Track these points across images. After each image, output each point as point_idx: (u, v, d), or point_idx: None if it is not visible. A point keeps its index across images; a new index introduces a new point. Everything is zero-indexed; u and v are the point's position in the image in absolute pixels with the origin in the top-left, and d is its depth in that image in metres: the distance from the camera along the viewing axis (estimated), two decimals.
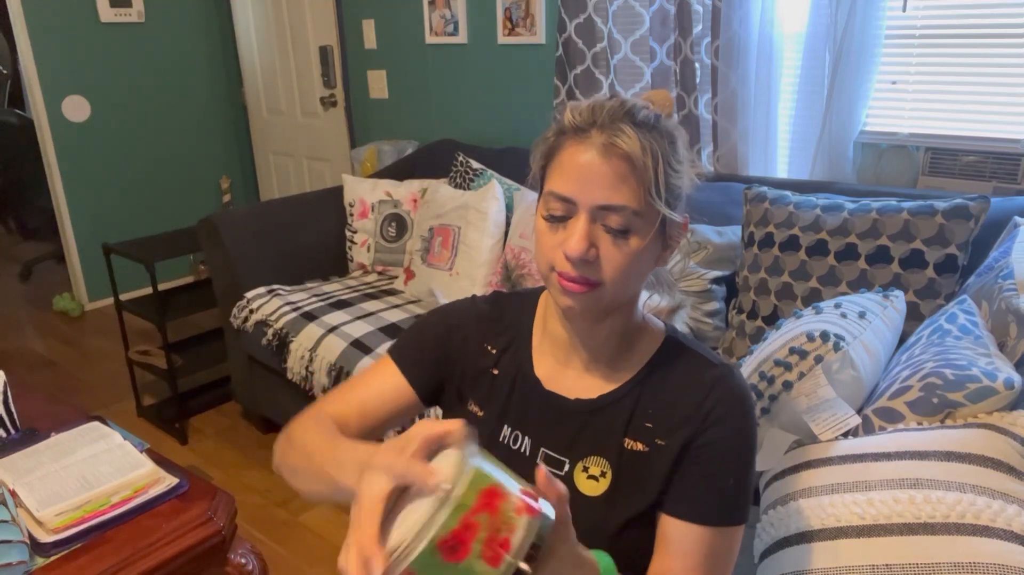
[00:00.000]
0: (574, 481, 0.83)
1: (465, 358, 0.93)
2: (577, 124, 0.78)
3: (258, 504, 2.34)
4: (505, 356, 0.92)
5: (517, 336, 0.92)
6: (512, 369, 0.90)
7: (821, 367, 1.32)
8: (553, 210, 0.78)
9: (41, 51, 3.52)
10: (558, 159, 0.79)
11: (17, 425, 1.44)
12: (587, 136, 0.76)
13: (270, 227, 2.66)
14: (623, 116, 0.76)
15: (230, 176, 4.32)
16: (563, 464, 0.84)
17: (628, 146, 0.75)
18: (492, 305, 0.96)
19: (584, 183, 0.75)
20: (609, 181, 0.75)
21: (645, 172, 0.75)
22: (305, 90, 3.78)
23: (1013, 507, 0.92)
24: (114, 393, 3.03)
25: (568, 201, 0.77)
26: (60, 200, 3.73)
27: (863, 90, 2.07)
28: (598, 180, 0.75)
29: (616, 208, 0.75)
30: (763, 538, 1.12)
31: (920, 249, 1.72)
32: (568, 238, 0.76)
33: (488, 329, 0.94)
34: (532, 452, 0.86)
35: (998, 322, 1.33)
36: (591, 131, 0.76)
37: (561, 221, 0.78)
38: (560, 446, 0.85)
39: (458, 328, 0.94)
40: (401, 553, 0.53)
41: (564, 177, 0.77)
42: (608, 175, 0.75)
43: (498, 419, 0.89)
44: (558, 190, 0.77)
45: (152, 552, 1.16)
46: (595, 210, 0.75)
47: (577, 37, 2.54)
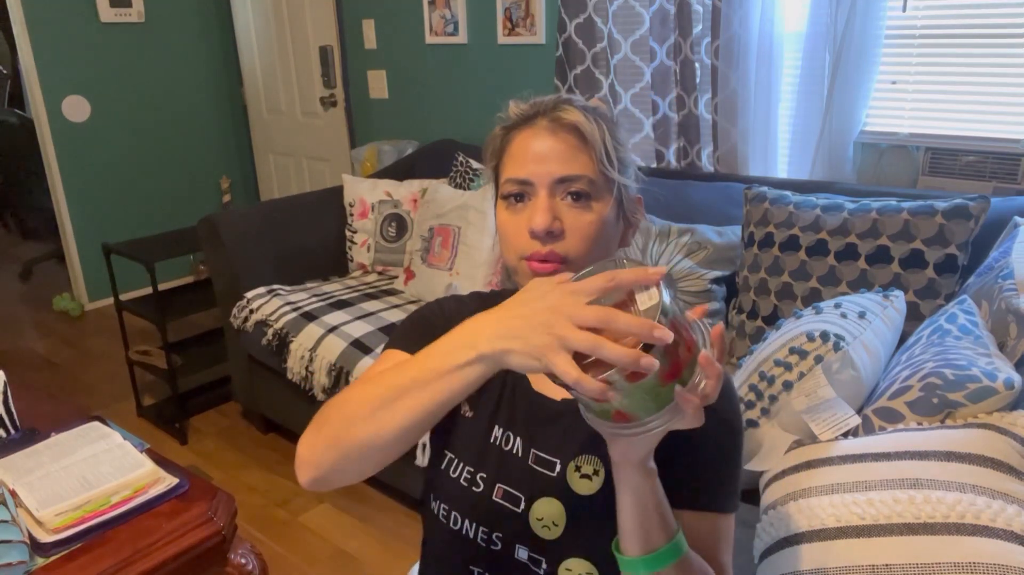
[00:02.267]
0: (567, 481, 0.82)
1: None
2: (521, 114, 0.82)
3: (258, 504, 2.34)
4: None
5: None
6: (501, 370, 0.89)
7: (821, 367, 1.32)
8: (511, 191, 0.79)
9: (41, 51, 3.52)
10: (509, 151, 0.81)
11: (17, 425, 1.44)
12: (533, 122, 0.80)
13: (270, 227, 2.66)
14: (563, 101, 0.81)
15: (230, 176, 4.32)
16: (554, 465, 0.83)
17: (574, 117, 0.78)
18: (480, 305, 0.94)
19: (538, 162, 0.78)
20: (562, 154, 0.78)
21: (595, 143, 0.78)
22: (305, 90, 3.78)
23: (1013, 507, 0.92)
24: (114, 393, 3.03)
25: (525, 183, 0.78)
26: (60, 200, 3.73)
27: (863, 90, 2.07)
28: (551, 155, 0.77)
29: (574, 177, 0.77)
30: (763, 538, 1.12)
31: (920, 249, 1.72)
32: (531, 216, 0.77)
33: None
34: (524, 453, 0.85)
35: (998, 322, 1.33)
36: (536, 118, 0.80)
37: (520, 201, 0.79)
38: (550, 447, 0.84)
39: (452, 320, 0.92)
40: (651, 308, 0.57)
41: (518, 162, 0.79)
42: (560, 149, 0.78)
43: (489, 420, 0.88)
44: (514, 175, 0.79)
45: (152, 552, 1.16)
46: (553, 184, 0.77)
47: (577, 37, 2.54)
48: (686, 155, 2.45)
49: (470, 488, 0.85)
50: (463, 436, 0.89)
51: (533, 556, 0.82)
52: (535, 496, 0.83)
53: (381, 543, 2.13)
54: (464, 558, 0.86)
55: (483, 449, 0.87)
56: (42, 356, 3.44)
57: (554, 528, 0.81)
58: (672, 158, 2.50)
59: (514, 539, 0.83)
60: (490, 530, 0.84)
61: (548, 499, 0.82)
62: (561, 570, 0.81)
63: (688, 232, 2.09)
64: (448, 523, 0.87)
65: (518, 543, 0.83)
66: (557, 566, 0.81)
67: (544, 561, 0.82)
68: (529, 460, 0.84)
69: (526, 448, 0.85)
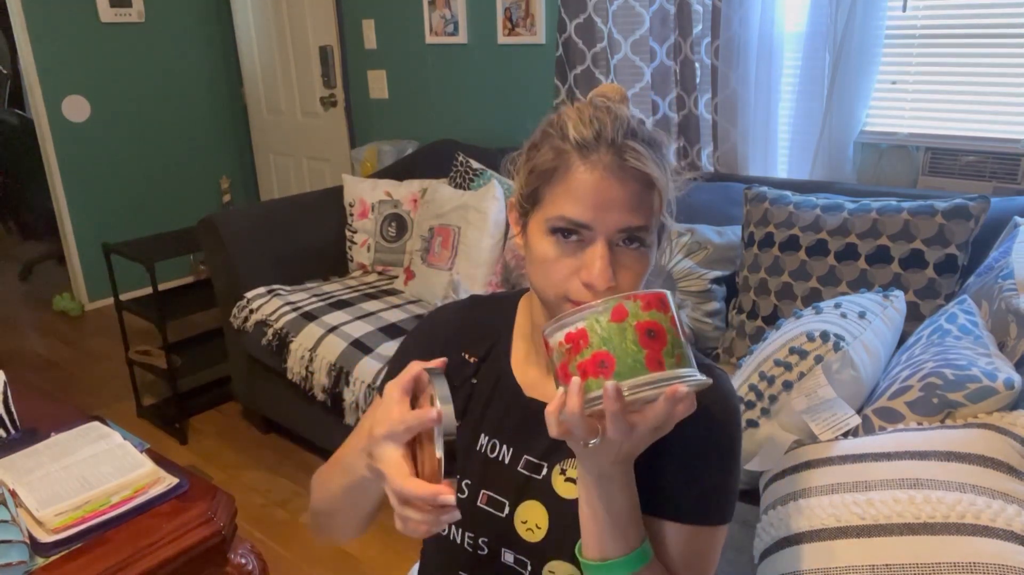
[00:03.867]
0: (552, 484, 0.82)
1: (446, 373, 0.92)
2: (583, 140, 0.73)
3: (258, 504, 2.34)
4: (485, 365, 0.90)
5: (496, 344, 0.91)
6: (492, 378, 0.89)
7: (821, 367, 1.32)
8: (564, 227, 0.73)
9: (41, 51, 3.52)
10: (565, 182, 0.73)
11: (17, 425, 1.44)
12: (595, 153, 0.72)
13: (270, 227, 2.66)
14: (629, 134, 0.73)
15: (230, 176, 4.32)
16: (541, 468, 0.83)
17: (645, 167, 0.72)
18: (469, 311, 0.95)
19: (602, 208, 0.71)
20: (628, 203, 0.71)
21: (663, 191, 0.74)
22: (305, 90, 3.78)
23: (1013, 507, 0.92)
24: (114, 393, 3.03)
25: (585, 227, 0.72)
26: (60, 200, 3.73)
27: (863, 90, 2.07)
28: (617, 204, 0.71)
29: (637, 228, 0.72)
30: (763, 538, 1.12)
31: (920, 249, 1.72)
32: (589, 267, 0.71)
33: (466, 337, 0.92)
34: (512, 460, 0.85)
35: (998, 322, 1.33)
36: (599, 149, 0.72)
37: (570, 237, 0.73)
38: (539, 451, 0.84)
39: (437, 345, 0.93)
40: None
41: (577, 201, 0.72)
42: (626, 198, 0.71)
43: (474, 429, 0.88)
44: (572, 215, 0.72)
45: (152, 552, 1.16)
46: (614, 234, 0.72)
47: (577, 37, 2.54)
48: (686, 155, 2.45)
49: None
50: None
51: (519, 558, 0.82)
52: (520, 499, 0.83)
53: (381, 543, 2.13)
54: (454, 563, 0.87)
55: (469, 455, 0.87)
56: (42, 356, 3.44)
57: (537, 531, 0.81)
58: (672, 158, 2.49)
59: (500, 543, 0.83)
60: (476, 535, 0.84)
61: (532, 502, 0.82)
62: (544, 572, 0.81)
63: (688, 232, 2.09)
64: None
65: (504, 547, 0.83)
66: (541, 568, 0.81)
67: (529, 563, 0.82)
68: (519, 466, 0.84)
69: (516, 454, 0.85)
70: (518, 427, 0.86)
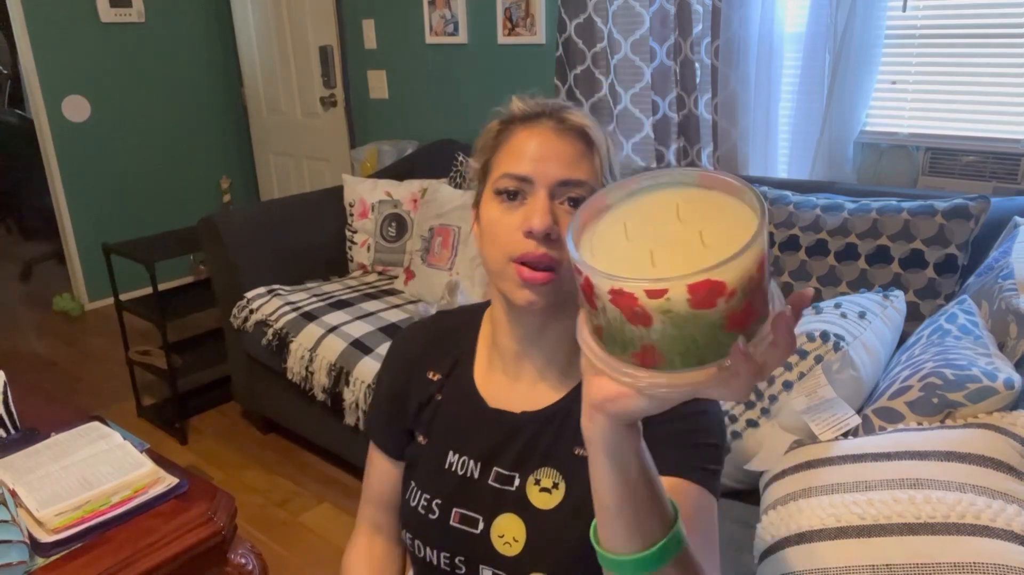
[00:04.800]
0: (527, 495, 0.80)
1: (411, 396, 0.91)
2: (525, 110, 0.78)
3: (258, 504, 2.34)
4: (449, 381, 0.89)
5: (460, 358, 0.89)
6: (456, 392, 0.88)
7: (821, 367, 1.32)
8: (506, 187, 0.74)
9: (41, 51, 3.52)
10: (507, 146, 0.77)
11: (17, 425, 1.44)
12: (537, 121, 0.76)
13: (270, 227, 2.66)
14: (570, 106, 0.78)
15: (230, 176, 4.32)
16: (513, 479, 0.81)
17: (581, 121, 0.75)
18: (434, 328, 0.94)
19: (541, 160, 0.73)
20: (567, 157, 0.74)
21: (601, 150, 0.75)
22: (305, 90, 3.78)
23: (1013, 507, 0.92)
24: (114, 393, 3.03)
25: (525, 180, 0.74)
26: (60, 200, 3.73)
27: (863, 90, 2.07)
28: (556, 156, 0.74)
29: (577, 182, 0.73)
30: (763, 538, 1.12)
31: (920, 249, 1.72)
32: (529, 215, 0.72)
33: (430, 356, 0.91)
34: (482, 474, 0.83)
35: (998, 322, 1.33)
36: (540, 118, 0.76)
37: (514, 199, 0.74)
38: (509, 462, 0.82)
39: (402, 372, 0.92)
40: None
41: (518, 158, 0.75)
42: (565, 151, 0.74)
43: (442, 446, 0.86)
44: (513, 170, 0.74)
45: (152, 552, 1.16)
46: (555, 186, 0.73)
47: (577, 37, 2.54)
48: (686, 155, 2.45)
49: (427, 516, 0.84)
50: (421, 463, 0.88)
51: (497, 573, 0.80)
52: (495, 514, 0.81)
53: None
54: None
55: (439, 475, 0.85)
56: (42, 356, 3.44)
57: (515, 544, 0.79)
58: (672, 158, 2.50)
59: (478, 560, 0.81)
60: (452, 555, 0.83)
61: (508, 515, 0.80)
62: None
63: None
64: (415, 552, 0.86)
65: (482, 564, 0.81)
66: None
67: None
68: (489, 479, 0.82)
69: (485, 468, 0.83)
70: (485, 440, 0.83)
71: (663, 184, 0.51)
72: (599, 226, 0.50)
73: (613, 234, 0.49)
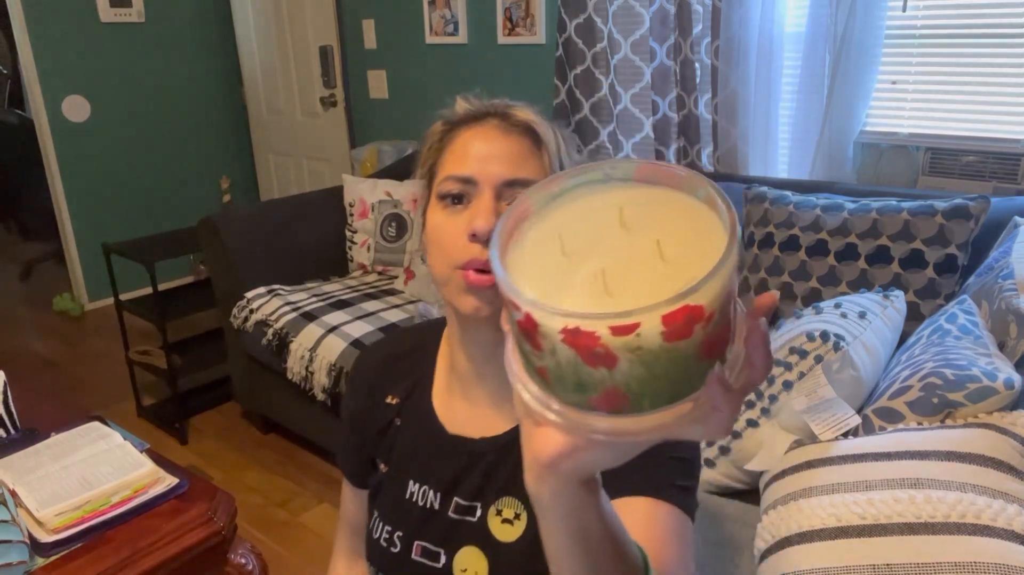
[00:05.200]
0: (488, 527, 0.76)
1: (371, 422, 0.87)
2: (470, 111, 0.74)
3: (258, 504, 2.34)
4: (407, 405, 0.84)
5: (419, 381, 0.84)
6: (415, 417, 0.83)
7: (821, 367, 1.32)
8: (450, 190, 0.70)
9: (41, 51, 3.52)
10: (451, 148, 0.73)
11: (17, 425, 1.43)
12: (482, 121, 0.72)
13: (270, 227, 2.66)
14: (517, 104, 0.74)
15: (230, 176, 4.32)
16: (474, 509, 0.77)
17: (527, 117, 0.71)
18: (391, 349, 0.89)
19: (485, 161, 0.69)
20: (513, 156, 0.69)
21: (550, 146, 0.71)
22: (305, 90, 3.78)
23: (1014, 507, 0.92)
24: (114, 393, 3.03)
25: (468, 181, 0.69)
26: (60, 200, 3.73)
27: (863, 90, 2.07)
28: (501, 155, 0.69)
29: (524, 182, 0.68)
30: (764, 538, 1.12)
31: (920, 249, 1.72)
32: (474, 217, 0.67)
33: (388, 379, 0.87)
34: (442, 505, 0.78)
35: (998, 322, 1.33)
36: (485, 118, 0.72)
37: (459, 203, 0.70)
38: (470, 492, 0.77)
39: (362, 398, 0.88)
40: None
41: (461, 159, 0.70)
42: (511, 150, 0.70)
43: (403, 474, 0.82)
44: (456, 172, 0.70)
45: (152, 552, 1.16)
46: (500, 187, 0.68)
47: (577, 37, 2.54)
48: (686, 155, 2.45)
49: (389, 549, 0.81)
50: (383, 493, 0.85)
51: None
52: (457, 547, 0.77)
53: None
54: None
55: (400, 506, 0.81)
56: (42, 356, 3.44)
57: None
58: (672, 158, 2.50)
59: None
60: None
61: (469, 548, 0.76)
62: None
63: None
64: None
65: None
66: None
67: None
68: (450, 511, 0.78)
69: (445, 499, 0.79)
70: (444, 469, 0.79)
71: (596, 182, 0.42)
72: (527, 241, 0.40)
73: (546, 250, 0.40)
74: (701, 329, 0.34)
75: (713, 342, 0.36)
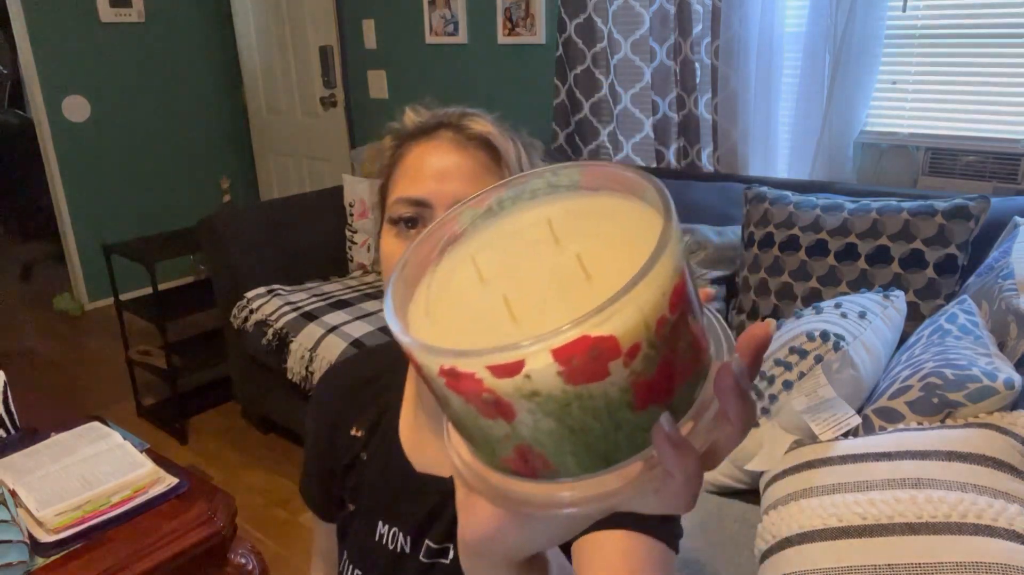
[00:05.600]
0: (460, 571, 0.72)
1: (335, 456, 0.81)
2: (420, 124, 0.68)
3: (258, 504, 2.34)
4: (373, 439, 0.78)
5: (385, 411, 0.79)
6: (382, 453, 0.77)
7: (821, 367, 1.32)
8: (402, 214, 0.65)
9: (41, 51, 3.52)
10: (402, 166, 0.67)
11: (17, 425, 1.43)
12: (435, 134, 0.67)
13: (270, 227, 2.66)
14: (472, 113, 0.68)
15: (230, 176, 4.31)
16: (447, 552, 0.71)
17: (484, 128, 0.66)
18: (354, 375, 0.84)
19: (439, 179, 0.64)
20: (469, 172, 0.64)
21: (509, 160, 0.66)
22: (305, 90, 3.78)
23: (1015, 507, 0.92)
24: (114, 393, 3.03)
25: (421, 204, 0.64)
26: (60, 200, 3.73)
27: (863, 90, 2.07)
28: (455, 173, 0.64)
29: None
30: (764, 538, 1.12)
31: (920, 249, 1.72)
32: None
33: (352, 407, 0.81)
34: (412, 548, 0.73)
35: (998, 322, 1.33)
36: (438, 130, 0.67)
37: (413, 227, 0.64)
38: (441, 534, 0.71)
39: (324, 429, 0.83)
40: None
41: (413, 178, 0.65)
42: (467, 166, 0.64)
43: (371, 515, 0.76)
44: (408, 194, 0.64)
45: (152, 552, 1.16)
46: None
47: (577, 37, 2.54)
48: (686, 155, 2.45)
49: None
50: (351, 533, 0.79)
51: None
52: None
53: None
54: None
55: (369, 549, 0.76)
56: (42, 356, 3.43)
57: None
58: (672, 158, 2.50)
59: None
60: None
61: None
62: None
63: (688, 232, 2.09)
64: None
65: None
66: None
67: None
68: (421, 554, 0.72)
69: (416, 541, 0.73)
70: (414, 509, 0.73)
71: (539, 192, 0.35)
72: (440, 268, 0.35)
73: (461, 277, 0.33)
74: (623, 367, 0.27)
75: (652, 384, 0.28)
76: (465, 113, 0.68)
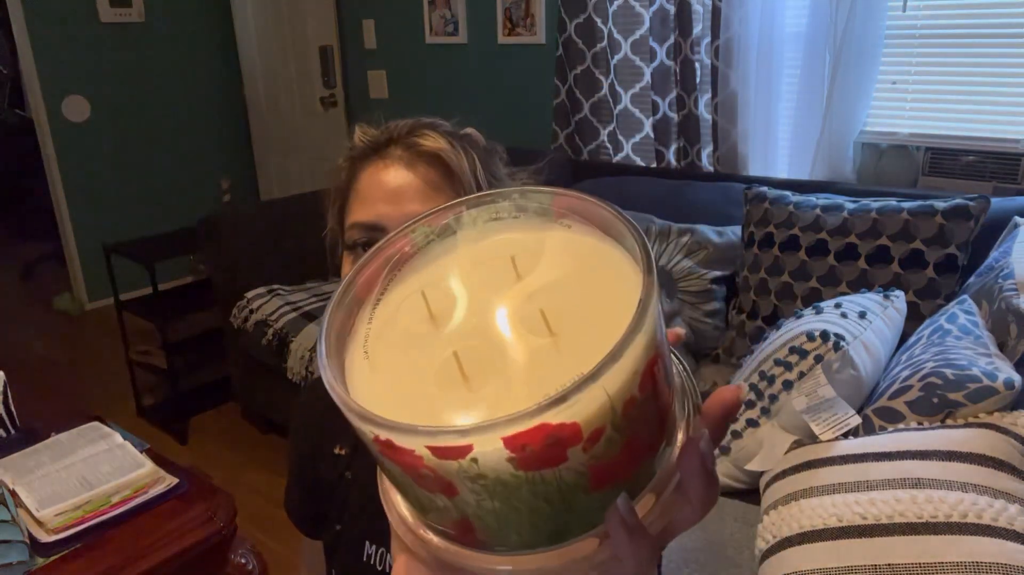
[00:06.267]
0: None
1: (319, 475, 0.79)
2: (371, 141, 0.67)
3: (258, 504, 2.34)
4: (357, 456, 0.76)
5: None
6: (367, 471, 0.74)
7: (821, 367, 1.32)
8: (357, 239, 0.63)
9: (41, 51, 3.52)
10: (355, 189, 0.66)
11: (17, 425, 1.43)
12: (385, 152, 0.65)
13: (270, 227, 2.66)
14: (423, 125, 0.67)
15: (230, 176, 4.31)
16: None
17: (434, 144, 0.64)
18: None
19: (391, 201, 0.62)
20: (421, 191, 0.62)
21: (463, 175, 0.64)
22: (305, 90, 3.78)
23: (1015, 507, 0.92)
24: (114, 393, 3.03)
25: (375, 228, 0.62)
26: (60, 200, 3.73)
27: (863, 90, 2.07)
28: (407, 192, 0.62)
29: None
30: (765, 538, 1.12)
31: (920, 249, 1.72)
32: None
33: (335, 426, 0.78)
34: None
35: (998, 322, 1.33)
36: (388, 147, 0.66)
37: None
38: None
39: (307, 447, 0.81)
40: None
41: (366, 202, 0.64)
42: (418, 184, 0.63)
43: (359, 535, 0.74)
44: (361, 218, 0.63)
45: (152, 552, 1.16)
46: None
47: (577, 37, 2.54)
48: (686, 155, 2.45)
49: None
50: (338, 553, 0.78)
51: None
52: None
53: None
54: None
55: (358, 570, 0.74)
56: (42, 356, 3.43)
57: None
58: (672, 158, 2.50)
59: None
60: None
61: None
62: None
63: (688, 232, 2.09)
64: None
65: None
66: None
67: None
68: None
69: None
70: None
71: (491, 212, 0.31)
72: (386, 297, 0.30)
73: (408, 314, 0.29)
74: (582, 452, 0.23)
75: (612, 466, 0.25)
76: (416, 126, 0.66)
